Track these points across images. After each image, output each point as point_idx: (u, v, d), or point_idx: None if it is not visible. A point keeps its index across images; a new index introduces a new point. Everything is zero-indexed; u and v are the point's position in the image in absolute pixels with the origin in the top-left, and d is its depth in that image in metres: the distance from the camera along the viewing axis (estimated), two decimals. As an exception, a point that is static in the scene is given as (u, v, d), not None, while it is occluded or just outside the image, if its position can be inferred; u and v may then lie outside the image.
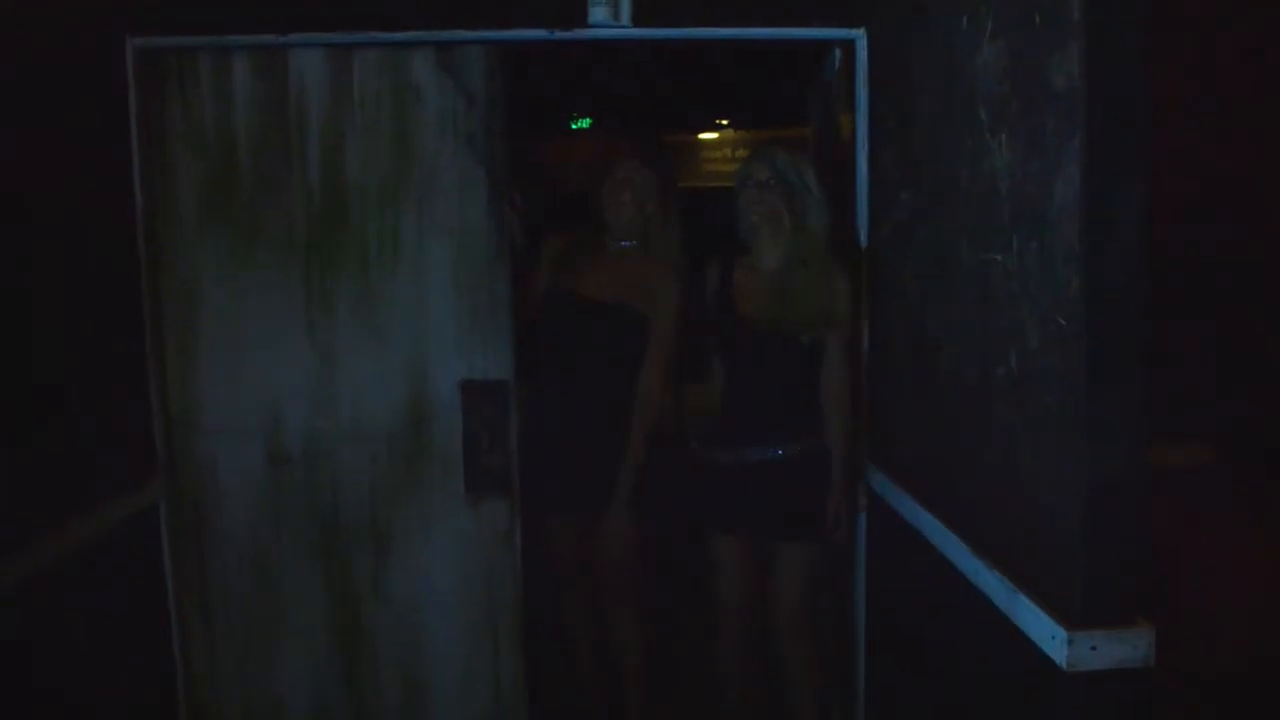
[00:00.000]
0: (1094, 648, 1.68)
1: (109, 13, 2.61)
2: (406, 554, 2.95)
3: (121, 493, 2.62)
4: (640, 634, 3.17)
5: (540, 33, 2.79)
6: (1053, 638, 1.72)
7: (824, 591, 2.95)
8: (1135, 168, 1.66)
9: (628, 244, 3.06)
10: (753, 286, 2.91)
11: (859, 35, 2.84)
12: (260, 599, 2.95)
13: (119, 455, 2.67)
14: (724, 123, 9.57)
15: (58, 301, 2.34)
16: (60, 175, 2.37)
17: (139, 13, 2.69)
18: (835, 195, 2.91)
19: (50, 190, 2.32)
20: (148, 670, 2.83)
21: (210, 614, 2.95)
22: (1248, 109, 3.13)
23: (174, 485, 2.86)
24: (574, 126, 8.73)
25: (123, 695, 2.59)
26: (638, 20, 2.78)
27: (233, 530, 2.92)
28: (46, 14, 2.32)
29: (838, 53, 2.89)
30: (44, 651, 2.23)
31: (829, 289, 2.79)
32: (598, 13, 2.74)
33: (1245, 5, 2.75)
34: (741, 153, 9.78)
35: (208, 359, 2.86)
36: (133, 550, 2.73)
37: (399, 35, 2.77)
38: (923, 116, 2.41)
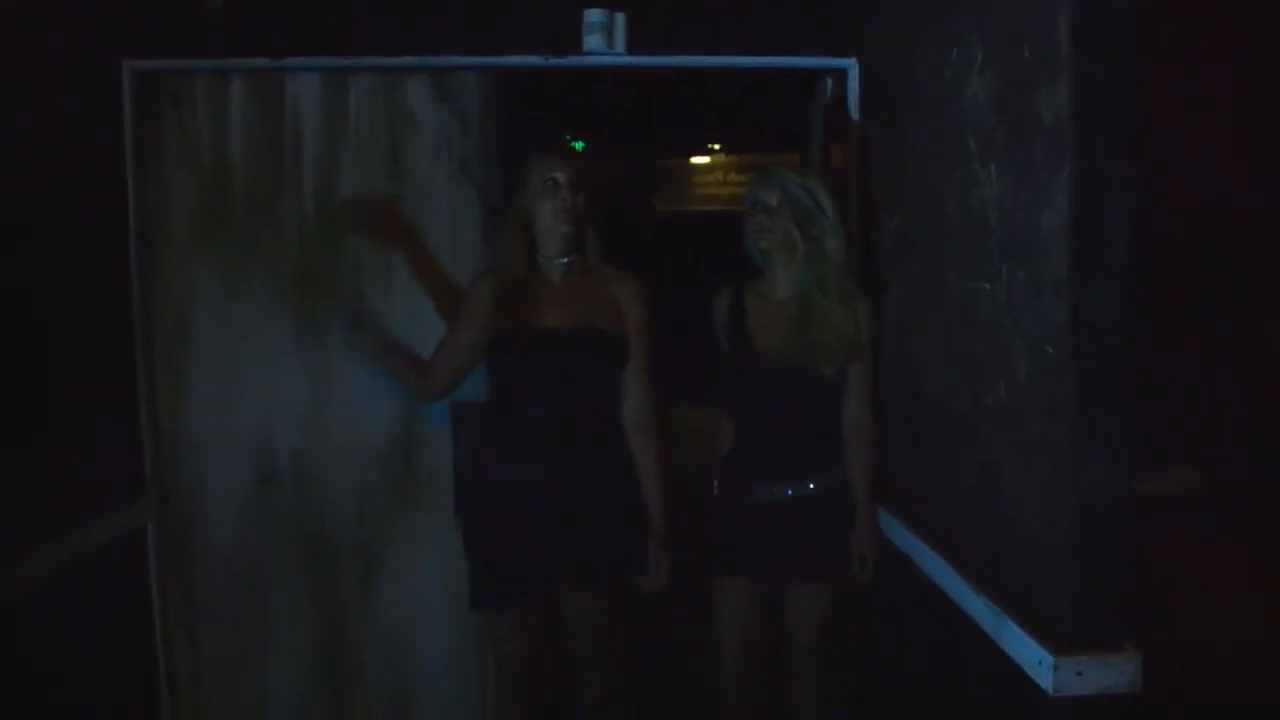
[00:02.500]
0: (1080, 673, 1.69)
1: (106, 35, 2.63)
2: (394, 574, 2.95)
3: (110, 509, 2.62)
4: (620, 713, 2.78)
5: (535, 59, 2.82)
6: (1039, 663, 1.73)
7: (839, 629, 2.78)
8: (1123, 200, 1.68)
9: (567, 260, 2.63)
10: (769, 316, 2.69)
11: (850, 64, 2.87)
12: (247, 616, 2.95)
13: (109, 472, 2.67)
14: (716, 147, 9.61)
15: (51, 319, 2.35)
16: (56, 195, 2.38)
17: (136, 35, 2.71)
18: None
19: (45, 210, 2.33)
20: (133, 685, 2.82)
21: (196, 630, 2.94)
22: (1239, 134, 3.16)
23: (163, 502, 2.86)
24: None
25: (109, 710, 2.58)
26: (632, 48, 2.81)
27: (220, 547, 2.92)
28: (44, 36, 2.34)
29: (829, 81, 2.92)
30: (30, 666, 2.22)
31: (852, 317, 2.61)
32: (592, 40, 2.77)
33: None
34: (734, 177, 9.77)
35: (199, 377, 2.87)
36: (121, 566, 2.72)
37: (395, 61, 2.80)
38: (913, 145, 2.44)
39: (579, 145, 8.48)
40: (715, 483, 2.75)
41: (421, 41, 2.78)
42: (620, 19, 2.79)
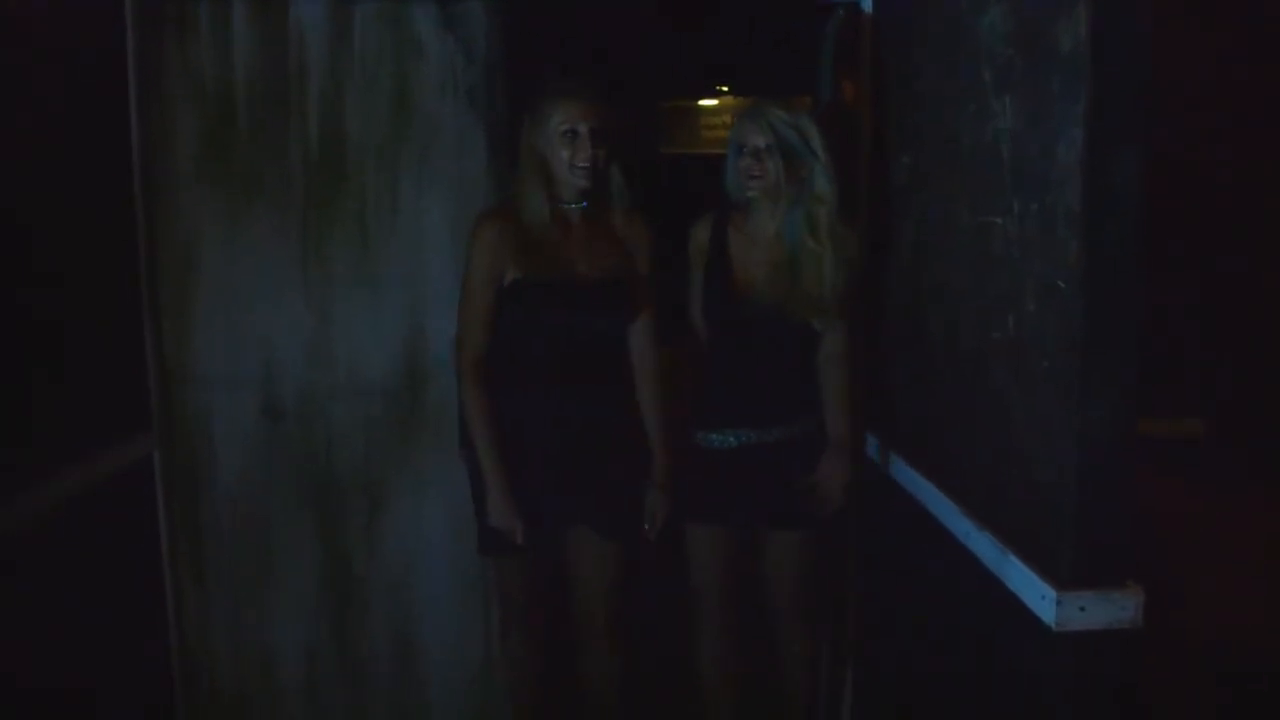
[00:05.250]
0: (1083, 608, 1.70)
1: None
2: (399, 510, 2.96)
3: (116, 443, 2.62)
4: (617, 662, 2.75)
5: (543, -13, 2.77)
6: (1042, 598, 1.73)
7: (820, 575, 2.77)
8: (1138, 132, 1.66)
9: (585, 204, 2.51)
10: (755, 257, 2.58)
11: (864, -4, 2.82)
12: (253, 552, 2.96)
13: (114, 405, 2.67)
14: (724, 89, 9.50)
15: (54, 250, 2.33)
16: (57, 122, 2.35)
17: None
18: (837, 162, 2.89)
19: (47, 138, 2.30)
20: (141, 619, 2.84)
21: (203, 565, 2.96)
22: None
23: (168, 437, 2.86)
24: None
25: (115, 644, 2.60)
26: (641, -23, 2.76)
27: (226, 482, 2.92)
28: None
29: (842, 13, 2.86)
30: (37, 599, 2.24)
31: (841, 267, 2.50)
32: (601, -32, 2.72)
33: None
34: (742, 121, 9.59)
35: (204, 311, 2.85)
36: (127, 500, 2.73)
37: (400, -13, 2.75)
38: (927, 79, 2.40)
39: (586, 86, 8.36)
40: (692, 426, 2.66)
41: (427, -32, 2.73)
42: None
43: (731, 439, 2.60)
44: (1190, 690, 2.46)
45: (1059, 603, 1.70)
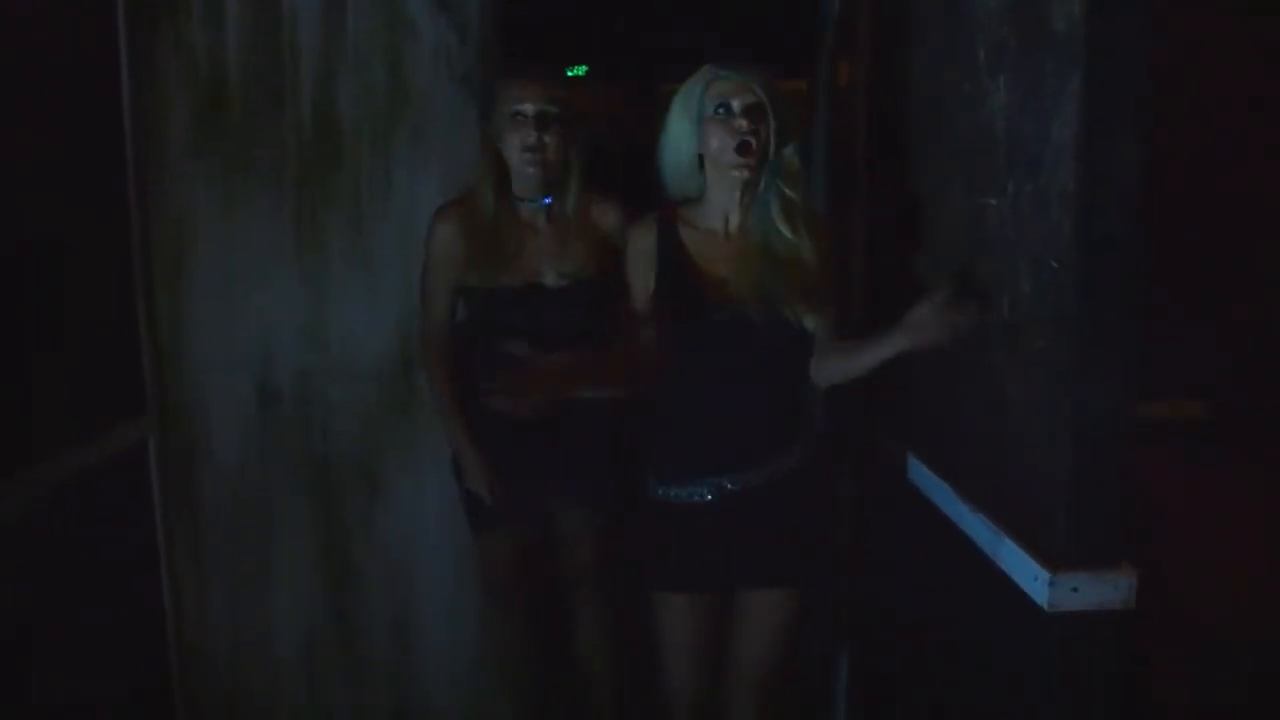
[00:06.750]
0: (1076, 589, 1.69)
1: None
2: (396, 494, 2.96)
3: (111, 427, 2.62)
4: (608, 635, 2.74)
5: (537, -34, 2.76)
6: (1035, 579, 1.73)
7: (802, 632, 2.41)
8: (1133, 111, 1.64)
9: (546, 202, 2.40)
10: (720, 261, 2.16)
11: (861, -24, 2.80)
12: (250, 536, 2.97)
13: (109, 389, 2.66)
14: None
15: (47, 235, 2.31)
16: (48, 104, 2.34)
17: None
18: (833, 145, 2.88)
19: (38, 119, 2.29)
20: (138, 605, 2.84)
21: (200, 550, 2.96)
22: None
23: (164, 420, 2.86)
24: (569, 74, 8.62)
25: (113, 630, 2.60)
26: (636, -43, 2.74)
27: (223, 466, 2.93)
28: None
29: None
30: (33, 585, 2.23)
31: (824, 255, 2.17)
32: (596, -52, 2.70)
33: None
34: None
35: (198, 294, 2.84)
36: (123, 485, 2.73)
37: (393, -35, 2.73)
38: (922, 59, 2.39)
39: (582, 69, 8.32)
40: (651, 479, 2.27)
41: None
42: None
43: (706, 491, 2.19)
44: (1184, 672, 2.46)
45: (1052, 583, 1.70)
